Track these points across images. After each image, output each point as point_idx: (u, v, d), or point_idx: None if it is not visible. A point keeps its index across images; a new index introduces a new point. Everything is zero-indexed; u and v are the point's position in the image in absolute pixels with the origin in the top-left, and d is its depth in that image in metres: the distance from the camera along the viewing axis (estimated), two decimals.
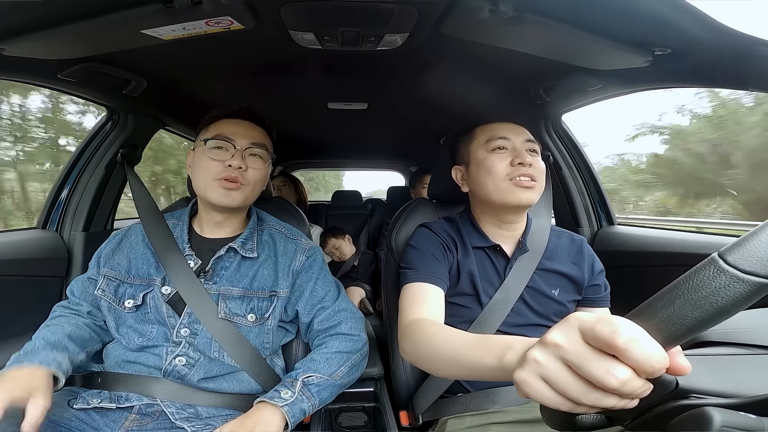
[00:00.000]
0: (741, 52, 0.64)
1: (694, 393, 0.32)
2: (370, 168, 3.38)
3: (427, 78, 1.08)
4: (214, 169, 0.77)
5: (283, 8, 0.67)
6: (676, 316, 0.28)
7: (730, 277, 0.27)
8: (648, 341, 0.28)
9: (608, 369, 0.28)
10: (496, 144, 0.78)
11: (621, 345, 0.27)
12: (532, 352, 0.34)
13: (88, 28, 0.67)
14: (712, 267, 0.28)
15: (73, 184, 1.18)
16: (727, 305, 0.27)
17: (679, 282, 0.29)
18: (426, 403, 0.81)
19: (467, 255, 0.80)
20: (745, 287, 0.26)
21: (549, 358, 0.32)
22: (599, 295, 0.83)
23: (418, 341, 0.62)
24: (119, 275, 0.79)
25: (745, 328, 0.42)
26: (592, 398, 0.30)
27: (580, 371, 0.30)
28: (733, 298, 0.27)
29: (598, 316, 0.30)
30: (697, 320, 0.28)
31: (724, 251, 0.28)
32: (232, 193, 0.78)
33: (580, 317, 0.32)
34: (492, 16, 0.64)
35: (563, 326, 0.32)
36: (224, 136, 0.78)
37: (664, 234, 1.17)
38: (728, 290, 0.27)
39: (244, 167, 0.78)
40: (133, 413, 0.71)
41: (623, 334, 0.28)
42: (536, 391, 0.32)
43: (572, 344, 0.31)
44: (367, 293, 1.82)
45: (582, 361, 0.30)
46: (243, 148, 0.79)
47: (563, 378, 0.31)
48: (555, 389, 0.31)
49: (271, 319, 0.81)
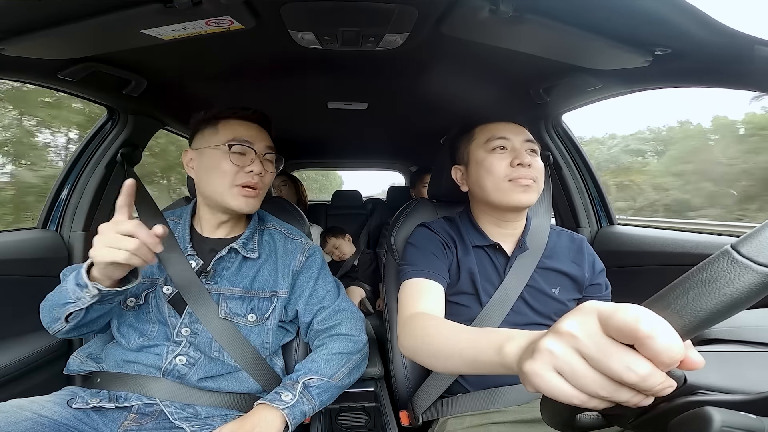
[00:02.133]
0: (741, 52, 0.64)
1: (703, 389, 0.32)
2: (370, 168, 3.38)
3: (427, 78, 1.08)
4: (234, 173, 0.76)
5: (283, 8, 0.67)
6: (690, 308, 0.28)
7: (744, 268, 0.27)
8: (670, 330, 0.27)
9: (628, 364, 0.27)
10: (496, 144, 0.78)
11: (645, 332, 0.26)
12: (545, 342, 0.31)
13: (88, 28, 0.67)
14: (725, 259, 0.27)
15: (73, 184, 1.18)
16: (741, 297, 0.27)
17: (691, 273, 0.28)
18: (426, 403, 0.81)
19: (467, 254, 0.80)
20: (759, 278, 0.26)
21: (565, 349, 0.30)
22: (600, 294, 0.83)
23: (416, 335, 0.61)
24: None
25: (752, 326, 0.42)
26: (608, 392, 0.28)
27: (598, 365, 0.28)
28: (747, 289, 0.26)
29: (616, 305, 0.29)
30: (712, 312, 0.27)
31: (737, 243, 0.27)
32: (251, 200, 0.78)
33: (597, 305, 0.30)
34: (492, 16, 0.64)
35: (579, 314, 0.31)
36: (244, 140, 0.78)
37: (664, 234, 1.17)
38: (742, 281, 0.26)
39: (263, 173, 0.79)
40: (132, 413, 0.71)
41: (647, 321, 0.26)
42: (548, 384, 0.30)
43: (589, 335, 0.29)
44: (367, 293, 1.82)
45: (601, 355, 0.28)
46: (262, 153, 0.79)
47: (579, 370, 0.29)
48: (569, 382, 0.30)
49: (271, 319, 0.81)
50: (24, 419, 0.62)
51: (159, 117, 1.31)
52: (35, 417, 0.63)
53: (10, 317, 1.00)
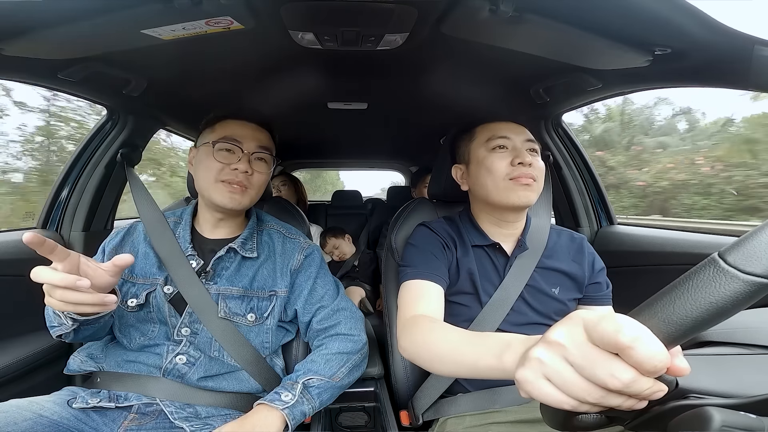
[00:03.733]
0: (741, 52, 0.64)
1: (694, 393, 0.32)
2: (371, 168, 3.38)
3: (427, 78, 1.08)
4: (219, 170, 0.77)
5: (283, 8, 0.67)
6: (676, 316, 0.28)
7: (730, 277, 0.27)
8: (651, 340, 0.28)
9: (611, 371, 0.28)
10: (497, 143, 0.78)
11: (624, 343, 0.27)
12: (535, 351, 0.33)
13: (88, 28, 0.67)
14: (712, 267, 0.28)
15: (73, 184, 1.18)
16: (727, 305, 0.27)
17: (679, 282, 0.29)
18: (426, 403, 0.81)
19: (467, 253, 0.80)
20: (745, 287, 0.26)
21: (553, 357, 0.32)
22: (600, 293, 0.83)
23: (416, 338, 0.62)
24: (123, 274, 0.79)
25: (746, 328, 0.41)
26: (596, 397, 0.30)
27: (584, 372, 0.30)
28: (733, 298, 0.27)
29: (602, 315, 0.30)
30: (697, 320, 0.28)
31: (724, 251, 0.28)
32: (236, 196, 0.78)
33: (584, 315, 0.32)
34: (492, 16, 0.64)
35: (566, 324, 0.32)
36: (232, 139, 0.78)
37: (664, 234, 1.17)
38: (728, 290, 0.27)
39: (250, 171, 0.78)
40: (132, 413, 0.71)
41: (627, 332, 0.27)
42: (539, 391, 0.32)
43: (576, 344, 0.31)
44: (367, 293, 1.82)
45: (586, 363, 0.30)
46: (250, 152, 0.79)
47: (567, 377, 0.31)
48: (559, 388, 0.31)
49: (270, 319, 0.81)
50: (24, 419, 0.62)
51: (159, 117, 1.30)
52: (35, 417, 0.63)
53: (10, 317, 1.00)
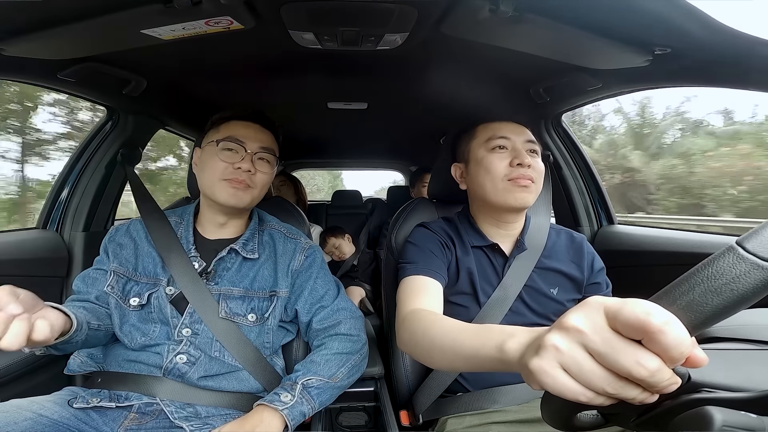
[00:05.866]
0: (741, 52, 0.64)
1: (706, 387, 0.32)
2: (370, 168, 3.38)
3: (427, 78, 1.08)
4: (223, 169, 0.78)
5: (283, 8, 0.67)
6: (696, 304, 0.28)
7: (750, 264, 0.27)
8: (680, 325, 0.26)
9: (638, 359, 0.27)
10: (497, 143, 0.78)
11: (657, 326, 0.25)
12: (551, 338, 0.30)
13: (88, 28, 0.67)
14: (731, 255, 0.27)
15: (73, 184, 1.18)
16: (747, 293, 0.27)
17: (697, 269, 0.28)
18: (426, 403, 0.81)
19: (466, 254, 0.80)
20: (765, 274, 0.26)
21: (571, 344, 0.29)
22: (600, 293, 0.83)
23: (415, 331, 0.61)
24: (127, 272, 0.79)
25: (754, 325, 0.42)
26: (615, 388, 0.28)
27: (606, 360, 0.28)
28: (753, 285, 0.27)
29: (623, 299, 0.28)
30: (718, 308, 0.27)
31: (742, 239, 0.28)
32: (239, 193, 0.78)
33: (604, 300, 0.29)
34: (492, 15, 0.64)
35: (584, 309, 0.30)
36: (235, 139, 0.79)
37: (665, 233, 1.17)
38: (748, 278, 0.27)
39: (253, 171, 0.79)
40: (133, 412, 0.71)
41: (658, 315, 0.26)
42: (555, 381, 0.29)
43: (597, 330, 0.28)
44: (367, 293, 1.82)
45: (609, 350, 0.28)
46: (253, 152, 0.80)
47: (587, 367, 0.28)
48: (575, 379, 0.29)
49: (271, 319, 0.81)
50: (24, 419, 0.62)
51: (159, 117, 1.31)
52: (35, 417, 0.63)
53: None
